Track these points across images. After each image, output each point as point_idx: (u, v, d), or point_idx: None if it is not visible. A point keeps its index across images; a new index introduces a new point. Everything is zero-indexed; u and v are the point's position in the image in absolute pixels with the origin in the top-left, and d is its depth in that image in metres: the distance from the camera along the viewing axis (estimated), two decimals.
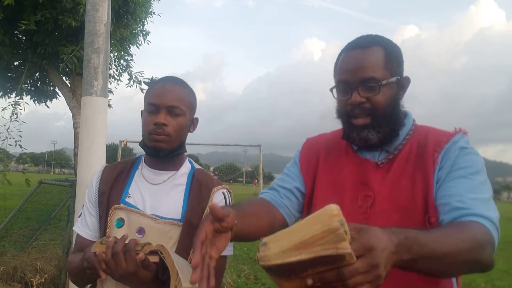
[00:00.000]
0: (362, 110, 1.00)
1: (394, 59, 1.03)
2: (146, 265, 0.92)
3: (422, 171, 0.97)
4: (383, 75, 0.99)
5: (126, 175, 1.21)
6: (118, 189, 1.18)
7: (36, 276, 3.65)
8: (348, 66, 1.02)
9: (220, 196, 1.20)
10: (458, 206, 0.88)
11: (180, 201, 1.16)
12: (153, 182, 1.19)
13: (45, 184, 4.90)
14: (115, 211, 1.14)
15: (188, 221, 1.12)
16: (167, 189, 1.18)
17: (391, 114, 1.02)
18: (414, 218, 0.93)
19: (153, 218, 1.11)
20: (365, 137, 1.00)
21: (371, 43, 1.03)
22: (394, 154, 1.03)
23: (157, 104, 1.13)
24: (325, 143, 1.19)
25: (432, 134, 1.04)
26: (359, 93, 0.99)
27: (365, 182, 1.02)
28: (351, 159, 1.09)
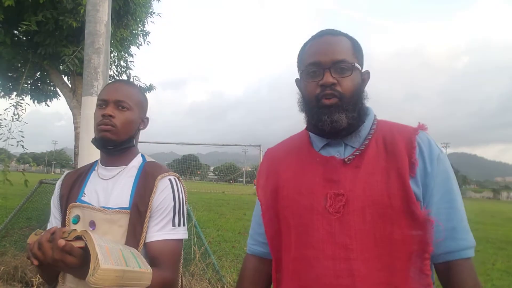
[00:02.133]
0: (332, 91, 0.99)
1: (359, 51, 1.06)
2: (69, 251, 0.94)
3: (396, 166, 0.96)
4: (353, 60, 1.01)
5: (83, 177, 1.30)
6: (75, 190, 1.27)
7: (36, 276, 3.67)
8: (319, 48, 1.03)
9: (165, 182, 1.24)
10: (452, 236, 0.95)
11: (128, 191, 1.22)
12: (105, 178, 1.26)
13: (45, 184, 4.91)
14: (71, 209, 1.22)
15: (135, 208, 1.18)
16: (117, 182, 1.24)
17: (357, 100, 1.02)
18: (391, 213, 0.93)
19: (101, 210, 1.18)
20: (336, 119, 0.98)
21: (339, 33, 1.06)
22: (360, 150, 1.01)
23: (105, 99, 1.23)
24: (285, 149, 1.17)
25: (396, 129, 1.04)
26: (331, 74, 0.99)
27: (334, 180, 0.99)
28: (315, 158, 1.05)
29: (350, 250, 0.91)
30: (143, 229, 1.16)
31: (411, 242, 0.92)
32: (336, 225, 0.94)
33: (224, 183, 60.64)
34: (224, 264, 4.80)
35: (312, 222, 0.96)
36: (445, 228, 0.94)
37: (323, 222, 0.95)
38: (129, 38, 6.10)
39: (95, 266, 0.88)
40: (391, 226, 0.92)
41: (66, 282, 1.18)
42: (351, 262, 0.91)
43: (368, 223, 0.92)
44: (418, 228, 0.92)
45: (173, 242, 1.19)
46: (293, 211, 1.01)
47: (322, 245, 0.94)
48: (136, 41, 6.42)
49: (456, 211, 0.96)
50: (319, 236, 0.95)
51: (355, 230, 0.92)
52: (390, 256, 0.91)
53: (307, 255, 0.96)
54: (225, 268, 4.65)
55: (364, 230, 0.92)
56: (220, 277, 4.14)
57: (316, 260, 0.94)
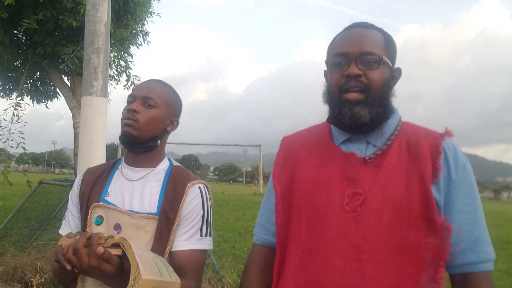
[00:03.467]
0: (357, 83, 0.96)
1: (392, 46, 1.03)
2: (107, 259, 0.92)
3: (418, 170, 0.93)
4: (382, 54, 0.98)
5: (106, 175, 1.25)
6: (98, 189, 1.21)
7: (36, 276, 3.65)
8: (348, 40, 1.00)
9: (195, 190, 1.21)
10: (473, 248, 0.92)
11: (157, 196, 1.17)
12: (131, 179, 1.21)
13: (45, 184, 4.90)
14: (94, 209, 1.17)
15: (163, 214, 1.14)
16: (144, 185, 1.20)
17: (384, 96, 0.99)
18: (409, 216, 0.90)
19: (128, 214, 1.13)
20: (357, 113, 0.95)
21: (371, 26, 1.03)
22: (382, 149, 0.98)
23: (134, 95, 1.21)
24: (303, 139, 1.13)
25: (422, 133, 1.01)
26: (357, 65, 0.96)
27: (353, 178, 0.96)
28: (335, 153, 1.02)
29: (363, 251, 0.89)
30: (170, 236, 1.13)
31: (426, 248, 0.89)
32: (350, 224, 0.92)
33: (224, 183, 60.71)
34: (224, 265, 4.80)
35: (325, 218, 0.94)
36: (467, 239, 0.92)
37: (338, 220, 0.93)
38: (128, 37, 6.09)
39: (135, 276, 0.86)
40: (407, 231, 0.89)
41: (86, 284, 1.14)
42: (362, 263, 0.89)
43: (384, 225, 0.90)
44: (435, 235, 0.89)
45: (199, 253, 1.16)
46: (307, 204, 0.99)
47: (334, 243, 0.92)
48: (136, 41, 6.42)
49: (479, 223, 0.94)
50: (332, 233, 0.93)
51: (370, 231, 0.90)
52: (402, 261, 0.89)
53: (318, 250, 0.94)
54: (225, 268, 4.64)
55: (379, 232, 0.90)
56: (220, 278, 4.13)
57: (325, 257, 0.92)
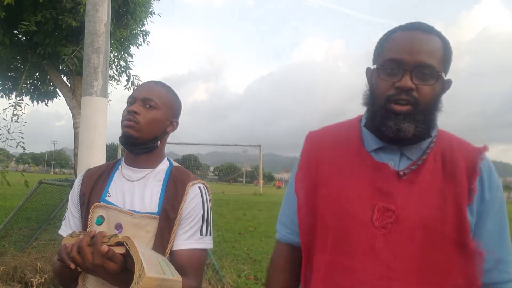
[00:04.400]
0: (408, 97, 0.88)
1: (449, 56, 0.93)
2: (111, 257, 0.93)
3: (453, 191, 0.89)
4: (439, 68, 0.89)
5: (106, 175, 1.26)
6: (98, 189, 1.22)
7: (36, 276, 3.65)
8: (405, 45, 0.90)
9: (195, 190, 1.22)
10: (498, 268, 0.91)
11: (157, 195, 1.18)
12: (131, 179, 1.22)
13: (45, 184, 4.90)
14: (95, 209, 1.17)
15: (164, 214, 1.15)
16: (145, 185, 1.21)
17: (431, 111, 0.91)
18: (441, 239, 0.86)
19: (130, 214, 1.14)
20: (403, 128, 0.88)
21: (432, 30, 0.92)
22: (417, 164, 0.92)
23: (134, 96, 1.22)
24: (330, 137, 1.05)
25: (458, 146, 0.95)
26: (411, 78, 0.87)
27: (385, 192, 0.90)
28: (366, 161, 0.95)
29: (393, 270, 0.86)
30: (171, 236, 1.14)
31: (458, 273, 0.87)
32: (381, 240, 0.88)
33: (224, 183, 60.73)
34: (224, 265, 4.80)
35: (354, 231, 0.90)
36: (491, 259, 0.90)
37: (367, 235, 0.89)
38: (128, 37, 6.09)
39: (140, 274, 0.86)
40: (440, 254, 0.86)
41: (87, 284, 1.14)
42: (391, 283, 0.85)
43: (416, 246, 0.86)
44: (467, 259, 0.87)
45: (199, 252, 1.17)
46: (334, 213, 0.94)
47: (362, 258, 0.88)
48: (136, 41, 6.42)
49: (505, 242, 0.93)
50: (360, 247, 0.89)
51: (401, 250, 0.86)
52: (433, 284, 0.86)
53: (344, 263, 0.90)
54: (225, 268, 4.64)
55: (410, 253, 0.86)
56: (220, 278, 4.13)
57: (353, 271, 0.88)
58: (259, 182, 30.86)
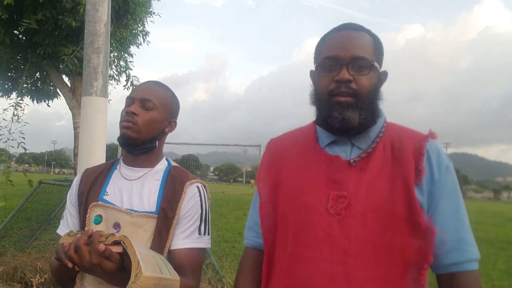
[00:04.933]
0: (347, 89, 0.95)
1: (380, 49, 1.02)
2: (108, 256, 0.93)
3: (402, 175, 0.93)
4: (372, 59, 0.98)
5: (105, 175, 1.26)
6: (96, 189, 1.22)
7: (36, 276, 3.65)
8: (339, 43, 0.99)
9: (194, 189, 1.22)
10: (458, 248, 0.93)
11: (155, 195, 1.18)
12: (129, 178, 1.22)
13: (45, 184, 4.91)
14: (93, 208, 1.18)
15: (162, 213, 1.15)
16: (143, 184, 1.21)
17: (372, 100, 0.99)
18: (393, 220, 0.90)
19: (128, 213, 1.14)
20: (348, 116, 0.94)
21: (361, 28, 1.02)
22: (367, 152, 0.98)
23: (132, 97, 1.22)
24: (289, 141, 1.13)
25: (405, 135, 1.01)
26: (348, 70, 0.95)
27: (338, 181, 0.96)
28: (319, 156, 1.02)
29: (348, 254, 0.90)
30: (169, 235, 1.14)
31: (411, 251, 0.90)
32: (336, 227, 0.92)
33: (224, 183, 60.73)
34: (224, 265, 4.80)
35: (311, 222, 0.95)
36: (452, 239, 0.93)
37: (323, 223, 0.93)
38: (128, 38, 6.09)
39: (137, 273, 0.86)
40: (392, 234, 0.90)
41: (84, 283, 1.14)
42: (348, 267, 0.89)
43: (369, 228, 0.90)
44: (419, 237, 0.90)
45: (197, 251, 1.18)
46: (292, 208, 0.99)
47: (320, 246, 0.92)
48: (136, 41, 6.41)
49: (463, 223, 0.95)
50: (317, 236, 0.93)
51: (355, 234, 0.90)
52: (388, 264, 0.89)
53: (304, 254, 0.94)
54: (225, 268, 4.65)
55: (364, 235, 0.90)
56: (220, 278, 4.13)
57: (312, 261, 0.93)
58: None
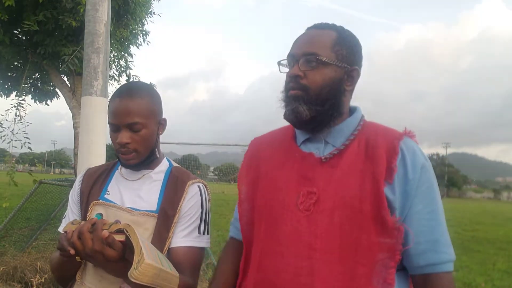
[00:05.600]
0: (296, 84, 0.98)
1: (346, 45, 1.01)
2: (110, 243, 0.93)
3: (372, 172, 0.93)
4: (326, 55, 0.98)
5: (106, 175, 1.27)
6: (97, 188, 1.23)
7: (36, 276, 3.65)
8: (297, 41, 1.03)
9: (195, 189, 1.22)
10: (433, 249, 0.92)
11: (156, 194, 1.19)
12: (130, 179, 1.23)
13: (45, 184, 4.91)
14: (94, 206, 1.18)
15: (163, 212, 1.15)
16: (144, 184, 1.22)
17: (327, 97, 0.98)
18: (360, 217, 0.90)
19: (129, 211, 1.15)
20: (295, 108, 0.97)
21: (327, 26, 1.04)
22: (340, 149, 0.98)
23: (115, 124, 1.14)
24: (269, 140, 1.15)
25: (381, 133, 1.00)
26: (299, 66, 0.99)
27: (309, 177, 0.97)
28: (294, 153, 1.04)
29: (314, 249, 0.90)
30: (169, 234, 1.14)
31: (378, 249, 0.89)
32: (304, 222, 0.93)
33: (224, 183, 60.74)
34: None
35: (282, 217, 0.96)
36: (426, 240, 0.91)
37: (292, 219, 0.95)
38: (129, 37, 6.09)
39: (139, 260, 0.87)
40: (359, 231, 0.90)
41: (84, 281, 1.14)
42: (313, 262, 0.89)
43: (336, 224, 0.91)
44: (386, 235, 0.89)
45: (197, 250, 1.18)
46: (266, 204, 1.01)
47: (288, 242, 0.93)
48: (136, 41, 6.42)
49: (439, 224, 0.94)
50: (286, 231, 0.94)
51: (322, 230, 0.91)
52: (354, 261, 0.89)
53: (274, 249, 0.95)
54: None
55: (330, 231, 0.90)
56: None
57: (281, 256, 0.93)
58: None
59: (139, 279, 0.87)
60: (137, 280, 0.87)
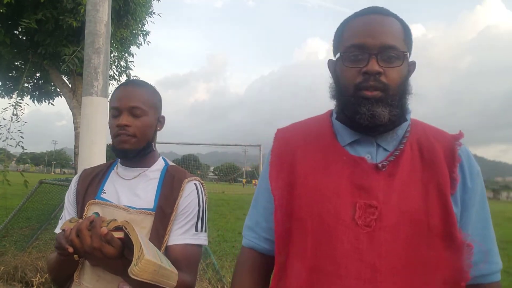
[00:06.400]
0: (376, 83, 0.84)
1: (410, 37, 0.90)
2: (109, 240, 0.93)
3: (435, 180, 0.84)
4: (403, 49, 0.86)
5: (102, 175, 1.27)
6: (94, 187, 1.23)
7: (36, 276, 3.66)
8: (366, 29, 0.86)
9: (191, 186, 1.22)
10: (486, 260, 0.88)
11: (153, 192, 1.19)
12: (126, 178, 1.24)
13: (45, 184, 4.91)
14: (90, 206, 1.18)
15: (160, 209, 1.15)
16: (140, 182, 1.22)
17: (402, 95, 0.87)
18: (426, 233, 0.81)
19: (125, 209, 1.15)
20: (378, 113, 0.83)
21: (389, 13, 0.89)
22: (395, 155, 0.87)
23: (118, 107, 1.17)
24: (301, 134, 0.99)
25: (431, 134, 0.92)
26: (377, 61, 0.84)
27: (364, 187, 0.85)
28: (341, 156, 0.90)
29: (378, 271, 0.80)
30: (166, 231, 1.14)
31: (446, 267, 0.81)
32: (364, 240, 0.82)
33: (224, 183, 60.75)
34: (224, 264, 4.80)
35: (336, 232, 0.84)
36: (479, 250, 0.86)
37: (349, 235, 0.83)
38: (129, 38, 6.11)
39: (139, 256, 0.86)
40: (426, 249, 0.81)
41: (82, 281, 1.14)
42: (378, 285, 0.80)
43: (401, 242, 0.81)
44: (455, 252, 0.82)
45: (194, 247, 1.17)
46: (312, 214, 0.87)
47: (346, 261, 0.82)
48: (136, 41, 6.43)
49: (490, 232, 0.89)
50: (343, 250, 0.82)
51: (386, 249, 0.81)
52: (422, 282, 0.81)
53: (327, 269, 0.83)
54: (225, 268, 4.65)
55: (395, 250, 0.81)
56: (220, 277, 4.14)
57: (338, 278, 0.82)
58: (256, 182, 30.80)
59: (139, 275, 0.86)
60: (137, 276, 0.86)
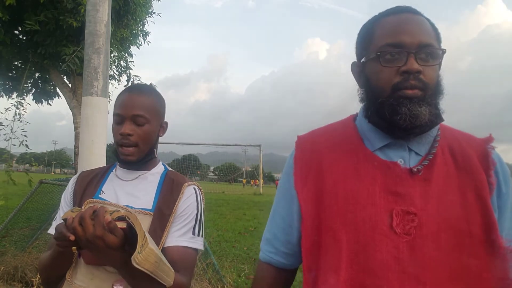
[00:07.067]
0: (417, 82, 0.81)
1: (440, 37, 0.88)
2: (112, 229, 0.92)
3: (473, 185, 0.81)
4: (438, 47, 0.85)
5: (101, 176, 1.27)
6: (92, 188, 1.23)
7: (36, 276, 3.66)
8: (402, 27, 0.83)
9: (191, 190, 1.24)
10: None
11: (152, 193, 1.20)
12: (125, 179, 1.24)
13: (45, 184, 4.91)
14: (88, 205, 1.16)
15: (159, 210, 1.16)
16: (140, 184, 1.23)
17: (438, 96, 0.85)
18: (469, 241, 0.78)
19: (124, 208, 1.14)
20: (420, 113, 0.79)
21: (418, 12, 0.87)
22: (429, 159, 0.83)
23: (121, 114, 1.17)
24: (327, 141, 0.95)
25: (460, 138, 0.89)
26: (416, 60, 0.81)
27: (400, 193, 0.81)
28: (371, 161, 0.86)
29: (423, 283, 0.76)
30: (164, 233, 1.14)
31: (489, 277, 0.78)
32: (405, 250, 0.77)
33: (224, 183, 60.78)
34: (224, 264, 4.81)
35: (373, 242, 0.79)
36: None
37: (388, 244, 0.78)
38: (129, 38, 6.11)
39: (143, 244, 0.86)
40: (468, 257, 0.78)
41: (75, 280, 1.13)
42: None
43: (443, 251, 0.77)
44: (498, 260, 0.79)
45: (191, 251, 1.18)
46: (346, 223, 0.82)
47: (387, 273, 0.77)
48: (136, 41, 6.44)
49: None
50: (382, 260, 0.78)
51: (429, 259, 0.77)
52: None
53: (366, 282, 0.79)
54: (225, 268, 4.66)
55: (439, 260, 0.77)
56: (220, 277, 4.14)
57: None
58: (259, 182, 30.93)
59: (141, 264, 0.86)
60: (140, 265, 0.86)
